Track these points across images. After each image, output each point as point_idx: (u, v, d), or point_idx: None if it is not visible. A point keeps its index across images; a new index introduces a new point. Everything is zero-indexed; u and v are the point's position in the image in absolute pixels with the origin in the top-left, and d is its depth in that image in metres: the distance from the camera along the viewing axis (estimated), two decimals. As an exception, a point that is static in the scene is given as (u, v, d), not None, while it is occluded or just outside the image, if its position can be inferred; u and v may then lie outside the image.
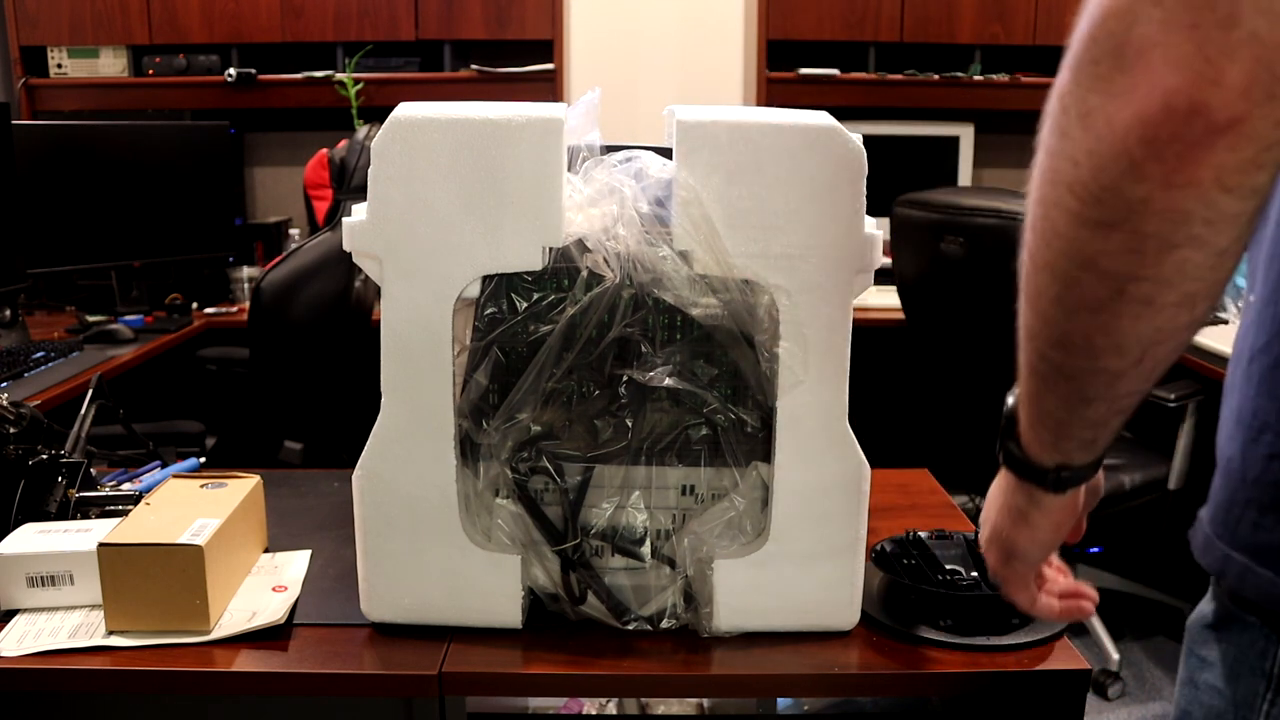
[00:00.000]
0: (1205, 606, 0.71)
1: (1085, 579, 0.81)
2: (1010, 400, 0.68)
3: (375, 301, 2.40)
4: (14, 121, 2.58)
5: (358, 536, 1.00)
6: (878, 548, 1.08)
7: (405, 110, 0.92)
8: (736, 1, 3.39)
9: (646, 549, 0.98)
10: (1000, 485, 0.73)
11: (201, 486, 1.12)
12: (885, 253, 0.99)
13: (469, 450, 0.98)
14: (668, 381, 0.94)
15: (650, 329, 0.94)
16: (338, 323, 2.32)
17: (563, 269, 0.94)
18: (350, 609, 1.02)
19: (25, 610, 1.03)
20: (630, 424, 0.95)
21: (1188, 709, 0.67)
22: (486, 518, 0.99)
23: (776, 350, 0.94)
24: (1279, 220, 0.64)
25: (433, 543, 0.98)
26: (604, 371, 0.94)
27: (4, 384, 2.14)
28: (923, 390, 2.59)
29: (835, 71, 3.29)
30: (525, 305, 0.94)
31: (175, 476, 1.16)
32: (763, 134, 0.91)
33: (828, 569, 0.99)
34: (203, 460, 1.59)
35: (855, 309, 0.96)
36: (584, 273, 0.93)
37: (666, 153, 0.97)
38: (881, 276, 1.04)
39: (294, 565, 1.13)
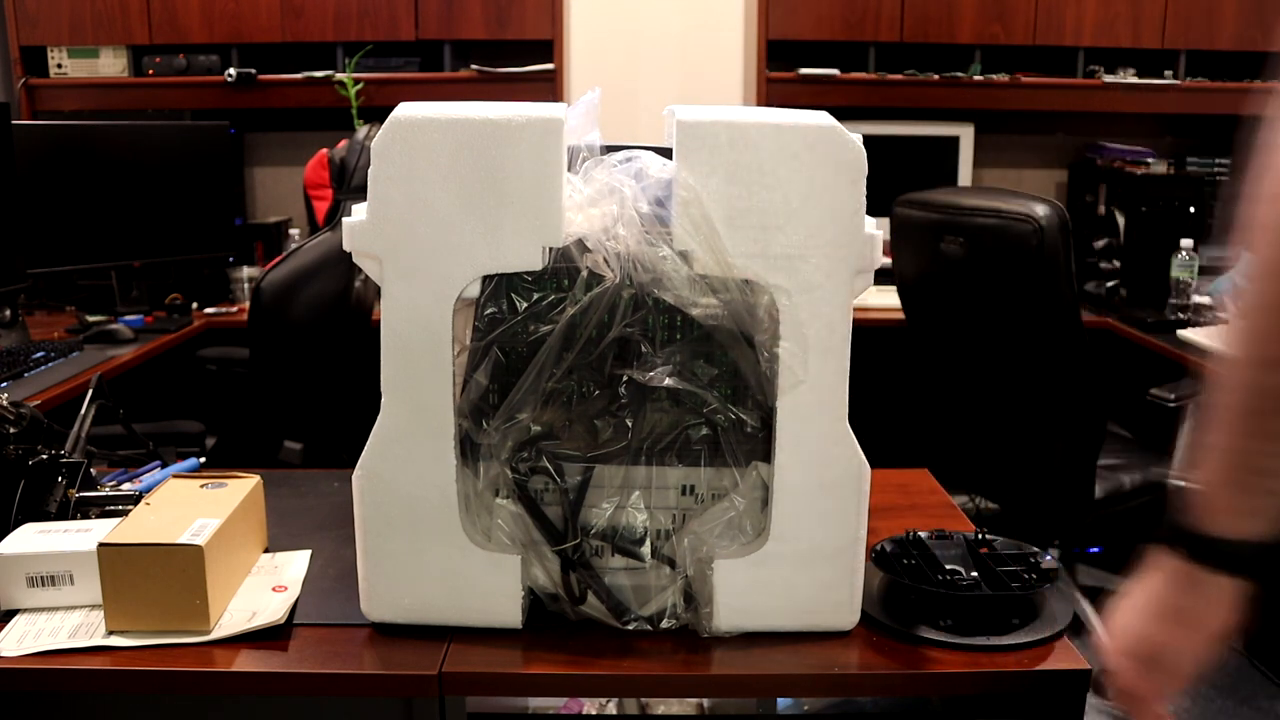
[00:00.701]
0: None
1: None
2: (1176, 480, 0.63)
3: (375, 301, 2.40)
4: (14, 121, 2.58)
5: (358, 536, 1.00)
6: (878, 548, 1.08)
7: (405, 110, 0.92)
8: (736, 1, 3.39)
9: (646, 549, 0.98)
10: (1147, 586, 0.67)
11: (201, 486, 1.12)
12: (885, 253, 0.99)
13: (469, 450, 0.98)
14: (668, 381, 0.94)
15: (650, 329, 0.94)
16: (338, 323, 2.32)
17: (563, 269, 0.94)
18: (350, 609, 1.02)
19: (25, 610, 1.03)
20: (630, 424, 0.95)
21: None
22: (486, 518, 0.99)
23: (776, 350, 0.94)
24: None
25: (433, 543, 0.98)
26: (604, 371, 0.94)
27: (4, 384, 2.14)
28: (923, 390, 2.59)
29: (835, 71, 3.29)
30: (525, 305, 0.94)
31: (175, 476, 1.16)
32: (763, 134, 0.91)
33: (828, 569, 0.99)
34: (203, 460, 1.59)
35: (855, 309, 0.96)
36: (584, 273, 0.93)
37: (666, 153, 0.97)
38: (881, 276, 1.04)
39: (294, 565, 1.13)
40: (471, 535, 0.99)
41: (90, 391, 1.33)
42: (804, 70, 3.29)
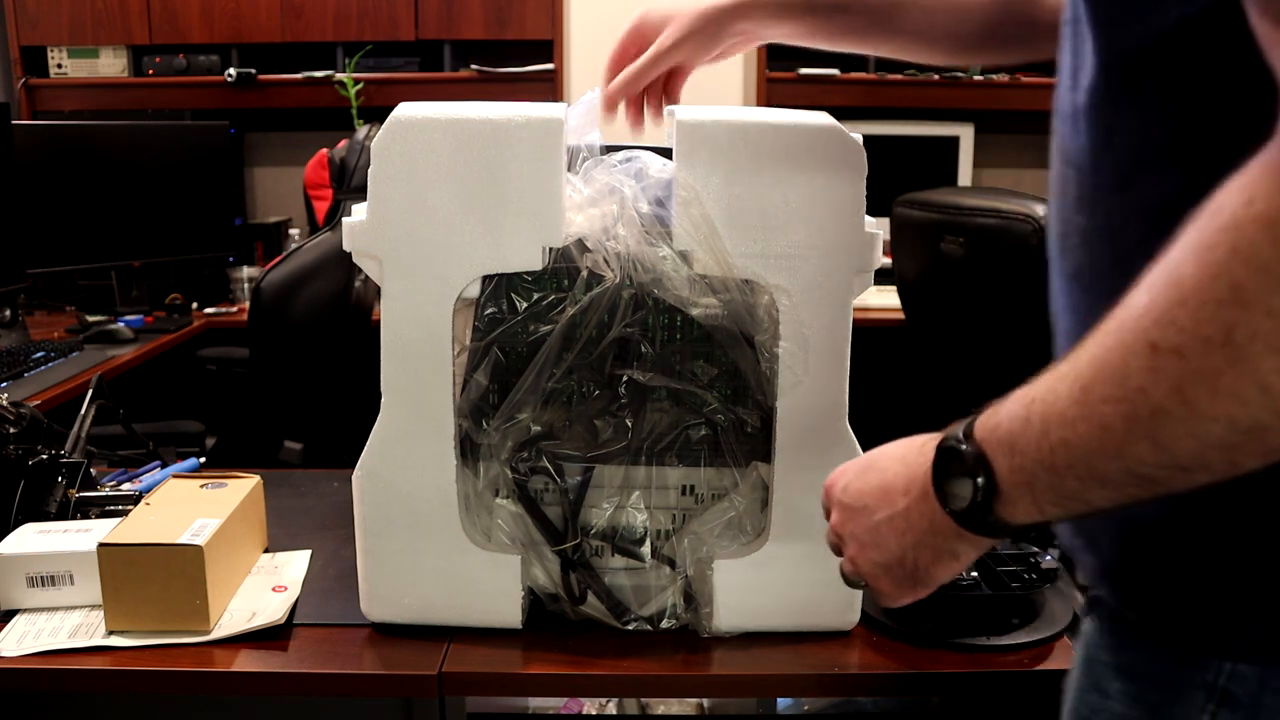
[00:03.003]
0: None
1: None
2: (977, 479, 0.58)
3: (375, 301, 2.40)
4: (14, 121, 2.58)
5: (358, 536, 1.00)
6: (878, 548, 1.08)
7: (405, 110, 0.92)
8: (736, 1, 3.39)
9: (646, 549, 0.98)
10: (914, 518, 0.64)
11: (201, 486, 1.12)
12: (885, 253, 0.99)
13: (469, 450, 0.98)
14: (668, 382, 0.94)
15: (650, 329, 0.94)
16: (338, 323, 2.32)
17: (563, 269, 0.94)
18: (350, 609, 1.02)
19: (25, 610, 1.03)
20: (630, 424, 0.95)
21: (1090, 717, 0.64)
22: (486, 518, 0.99)
23: (776, 350, 0.94)
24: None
25: (433, 543, 0.98)
26: (604, 371, 0.94)
27: (4, 384, 2.14)
28: (923, 390, 2.58)
29: (835, 71, 3.29)
30: (525, 305, 0.94)
31: (175, 476, 1.16)
32: (763, 134, 0.91)
33: (828, 569, 0.99)
34: (203, 460, 1.59)
35: (855, 309, 0.96)
36: (584, 273, 0.93)
37: (666, 153, 0.97)
38: (881, 276, 1.04)
39: (294, 565, 1.13)
40: (471, 535, 0.98)
41: (90, 391, 1.33)
42: (804, 70, 3.29)
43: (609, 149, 0.99)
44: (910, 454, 0.65)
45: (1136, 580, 0.61)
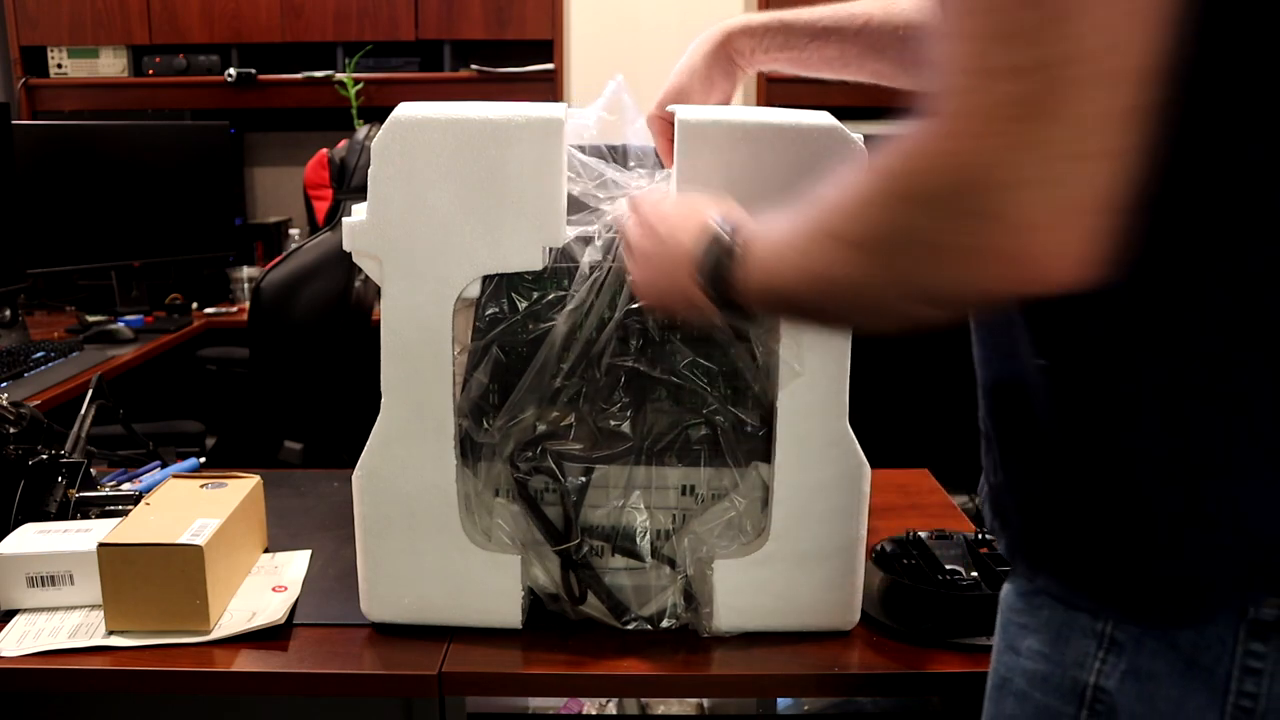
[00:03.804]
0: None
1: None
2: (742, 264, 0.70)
3: (375, 301, 2.40)
4: (14, 121, 2.58)
5: (358, 536, 0.99)
6: (878, 548, 1.08)
7: (405, 110, 0.92)
8: (736, 1, 3.39)
9: (646, 549, 0.98)
10: (680, 274, 0.74)
11: (201, 486, 1.12)
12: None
13: (469, 450, 0.98)
14: (668, 376, 0.94)
15: (650, 328, 0.94)
16: (338, 323, 2.32)
17: (563, 268, 0.94)
18: (350, 609, 1.02)
19: (25, 610, 1.03)
20: (631, 424, 0.95)
21: (1007, 675, 0.70)
22: (486, 518, 0.99)
23: (776, 349, 0.94)
24: None
25: (433, 543, 0.98)
26: (604, 371, 0.94)
27: (4, 384, 2.14)
28: (923, 390, 2.58)
29: (835, 71, 3.29)
30: (525, 305, 0.94)
31: (175, 476, 1.16)
32: (763, 134, 0.91)
33: (828, 569, 0.99)
34: (203, 460, 1.59)
35: (855, 309, 0.96)
36: (583, 271, 0.93)
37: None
38: (881, 276, 1.04)
39: (294, 565, 1.13)
40: (471, 535, 0.98)
41: (90, 391, 1.33)
42: (804, 70, 3.29)
43: (610, 149, 0.99)
44: (694, 217, 0.76)
45: (1036, 550, 0.68)
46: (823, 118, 0.93)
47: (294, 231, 3.42)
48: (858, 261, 0.59)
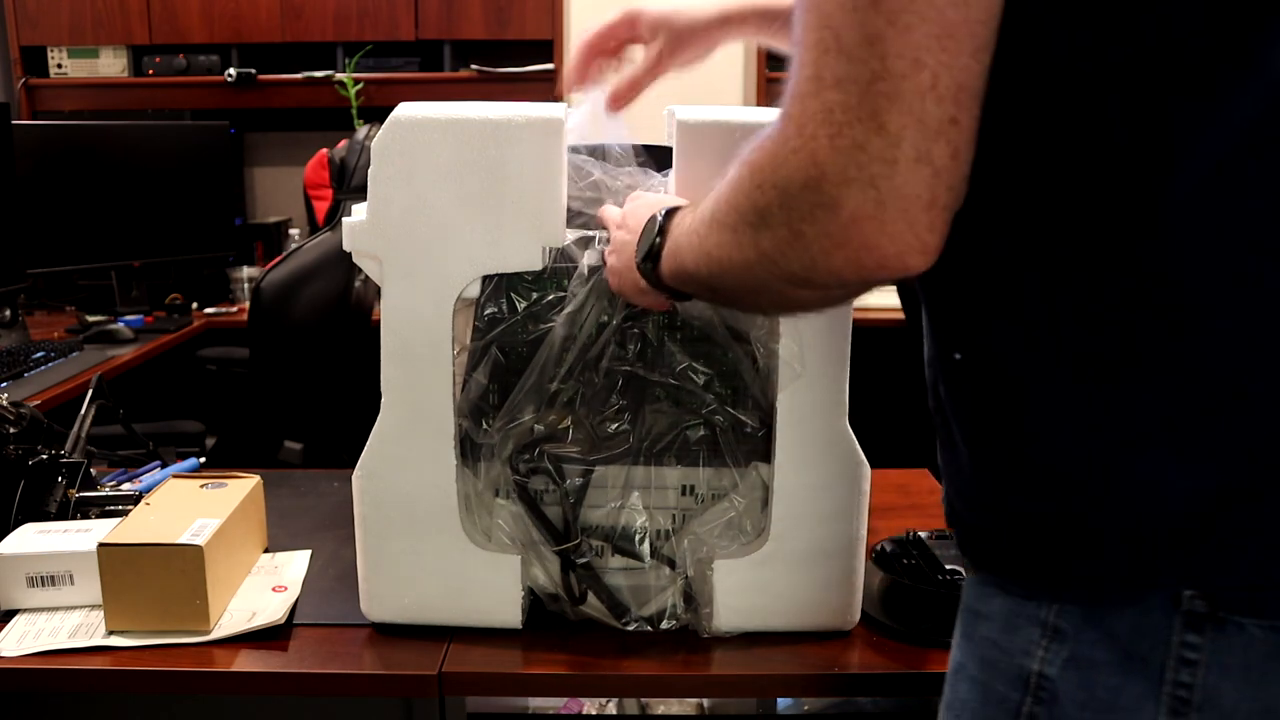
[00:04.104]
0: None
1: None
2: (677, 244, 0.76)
3: (375, 301, 2.40)
4: (14, 121, 2.58)
5: (358, 536, 0.99)
6: (878, 548, 1.08)
7: (405, 110, 0.92)
8: (736, 1, 3.39)
9: (646, 549, 0.98)
10: (636, 273, 0.81)
11: (201, 486, 1.12)
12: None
13: (469, 450, 0.98)
14: (666, 378, 0.94)
15: (650, 328, 0.94)
16: (338, 323, 2.32)
17: (563, 269, 0.94)
18: (350, 609, 1.02)
19: (25, 610, 1.03)
20: (630, 424, 0.95)
21: (963, 661, 0.72)
22: (486, 518, 0.99)
23: (775, 349, 0.94)
24: None
25: (433, 543, 0.98)
26: (604, 372, 0.94)
27: (4, 384, 2.14)
28: (923, 390, 2.58)
29: (835, 71, 3.29)
30: (525, 305, 0.94)
31: (175, 476, 1.16)
32: (763, 134, 0.91)
33: (828, 569, 0.99)
34: (203, 460, 1.59)
35: (855, 309, 0.96)
36: (582, 270, 0.93)
37: (667, 152, 0.97)
38: (882, 276, 1.04)
39: (294, 565, 1.13)
40: (471, 535, 0.98)
41: (90, 391, 1.33)
42: (804, 70, 3.29)
43: (607, 149, 0.99)
44: (649, 210, 0.81)
45: (978, 542, 0.71)
46: (823, 118, 0.92)
47: (294, 231, 3.42)
48: (734, 244, 0.66)
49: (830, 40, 0.56)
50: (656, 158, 1.01)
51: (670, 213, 0.78)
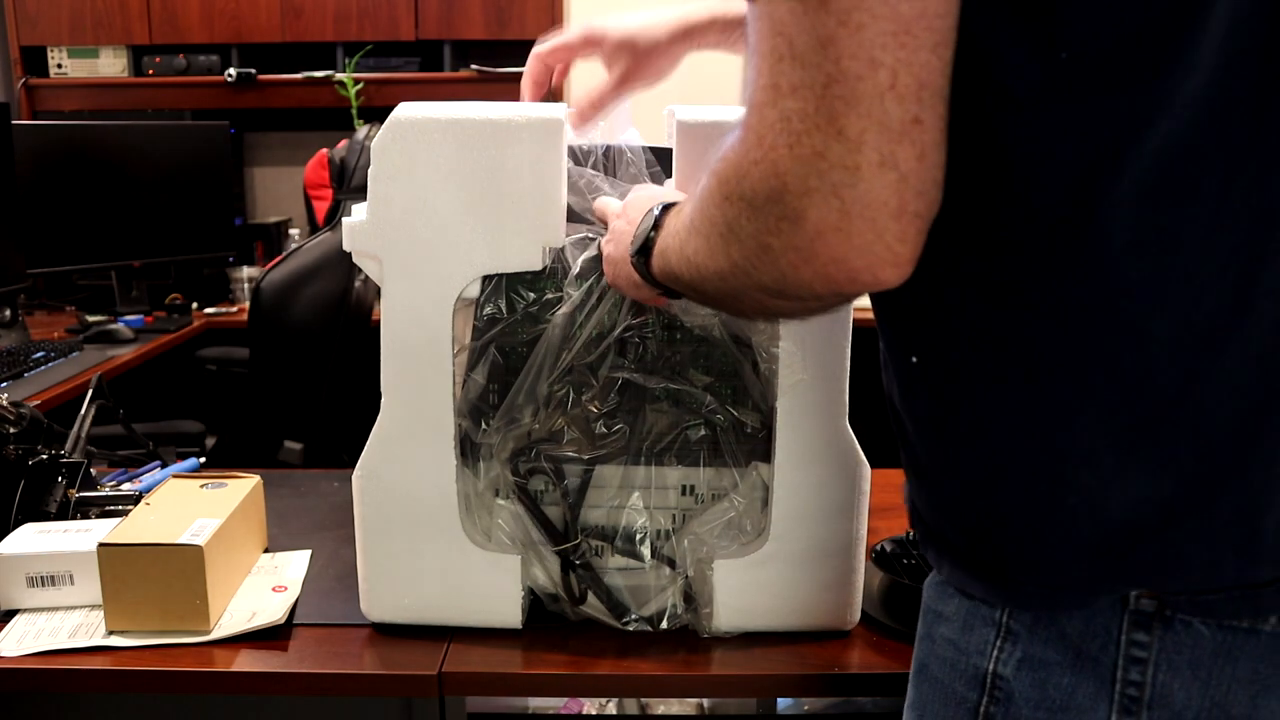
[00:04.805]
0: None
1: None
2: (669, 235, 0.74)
3: (375, 301, 2.40)
4: (14, 121, 2.58)
5: (358, 536, 0.99)
6: (878, 548, 1.08)
7: (405, 110, 0.92)
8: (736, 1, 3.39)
9: (646, 549, 0.98)
10: (630, 265, 0.80)
11: (201, 486, 1.12)
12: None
13: (469, 450, 0.98)
14: (666, 383, 0.94)
15: (650, 328, 0.94)
16: (338, 323, 2.32)
17: (563, 269, 0.94)
18: (350, 609, 1.02)
19: (25, 610, 1.03)
20: (630, 425, 0.95)
21: (925, 661, 0.72)
22: (486, 518, 0.99)
23: (775, 351, 0.94)
24: None
25: (433, 543, 0.98)
26: (603, 372, 0.94)
27: (4, 384, 2.14)
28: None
29: (835, 71, 3.29)
30: (524, 305, 0.94)
31: (175, 476, 1.16)
32: (763, 134, 0.91)
33: (828, 569, 0.99)
34: (203, 460, 1.59)
35: (855, 309, 0.96)
36: (578, 271, 0.93)
37: (667, 153, 0.97)
38: (881, 276, 1.04)
39: (294, 565, 1.13)
40: (471, 535, 0.98)
41: (90, 391, 1.33)
42: (804, 70, 3.29)
43: (607, 150, 0.99)
44: (648, 203, 0.80)
45: (936, 543, 0.71)
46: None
47: (294, 231, 3.42)
48: (708, 252, 0.64)
49: (784, 47, 0.54)
50: (663, 161, 1.01)
51: (667, 208, 0.76)
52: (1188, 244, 0.57)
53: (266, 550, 1.17)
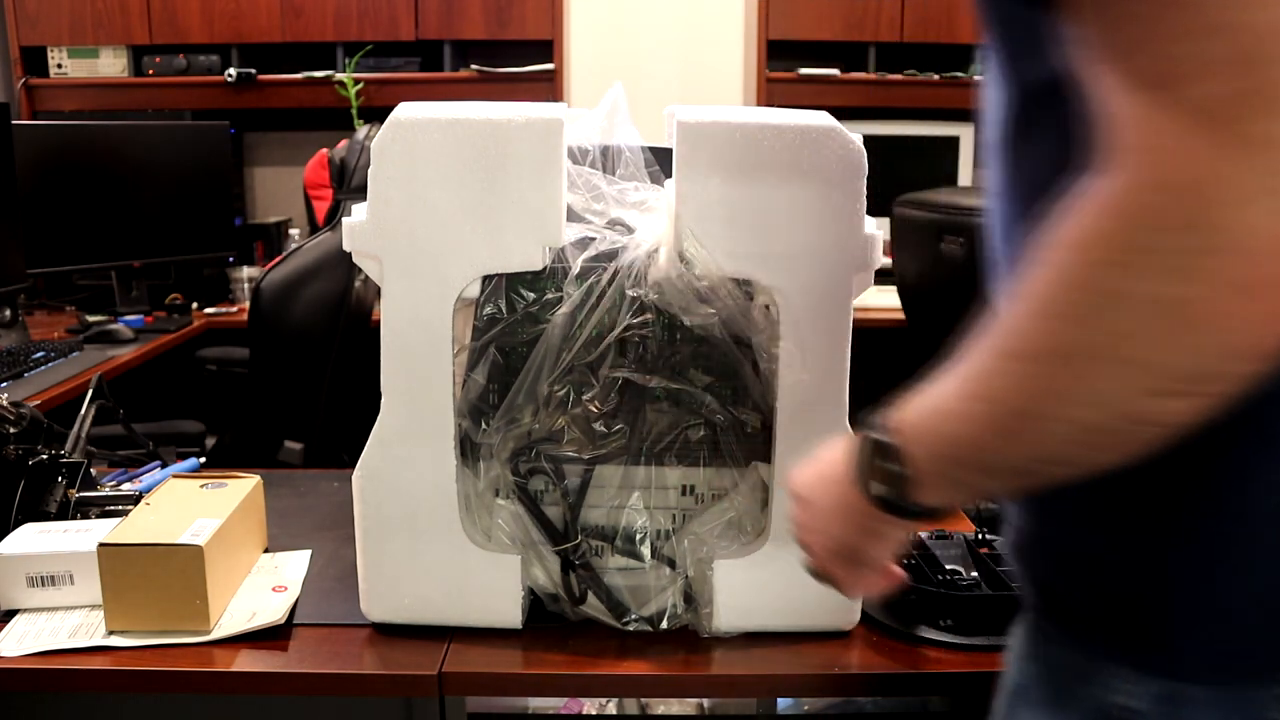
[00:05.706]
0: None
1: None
2: (887, 439, 0.62)
3: (375, 301, 2.40)
4: (14, 121, 2.58)
5: (358, 536, 0.99)
6: (878, 548, 1.08)
7: (405, 110, 0.92)
8: (736, 1, 3.39)
9: (646, 549, 0.98)
10: (846, 504, 0.66)
11: (201, 486, 1.12)
12: (885, 253, 0.99)
13: (469, 450, 0.98)
14: (666, 383, 0.94)
15: (650, 328, 0.94)
16: (338, 323, 2.32)
17: (562, 269, 0.94)
18: (350, 609, 1.02)
19: (25, 610, 1.03)
20: (630, 425, 0.95)
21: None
22: (486, 518, 0.99)
23: (775, 351, 0.94)
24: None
25: (433, 543, 0.98)
26: (603, 372, 0.94)
27: (4, 384, 2.14)
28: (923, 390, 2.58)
29: (835, 71, 3.29)
30: (524, 305, 0.94)
31: (175, 476, 1.16)
32: (763, 134, 0.91)
33: (828, 569, 0.99)
34: (203, 460, 1.59)
35: (855, 309, 0.96)
36: (576, 271, 0.93)
37: (666, 153, 0.97)
38: (881, 276, 1.04)
39: (294, 565, 1.13)
40: (471, 535, 0.98)
41: (90, 391, 1.33)
42: (804, 70, 3.29)
43: (606, 150, 0.99)
44: (837, 452, 0.69)
45: (1059, 603, 0.65)
46: (822, 118, 0.93)
47: (294, 231, 3.42)
48: (1054, 371, 0.49)
49: (1178, 22, 0.43)
50: (663, 161, 1.01)
51: (876, 420, 0.62)
52: None
53: (266, 550, 1.17)
